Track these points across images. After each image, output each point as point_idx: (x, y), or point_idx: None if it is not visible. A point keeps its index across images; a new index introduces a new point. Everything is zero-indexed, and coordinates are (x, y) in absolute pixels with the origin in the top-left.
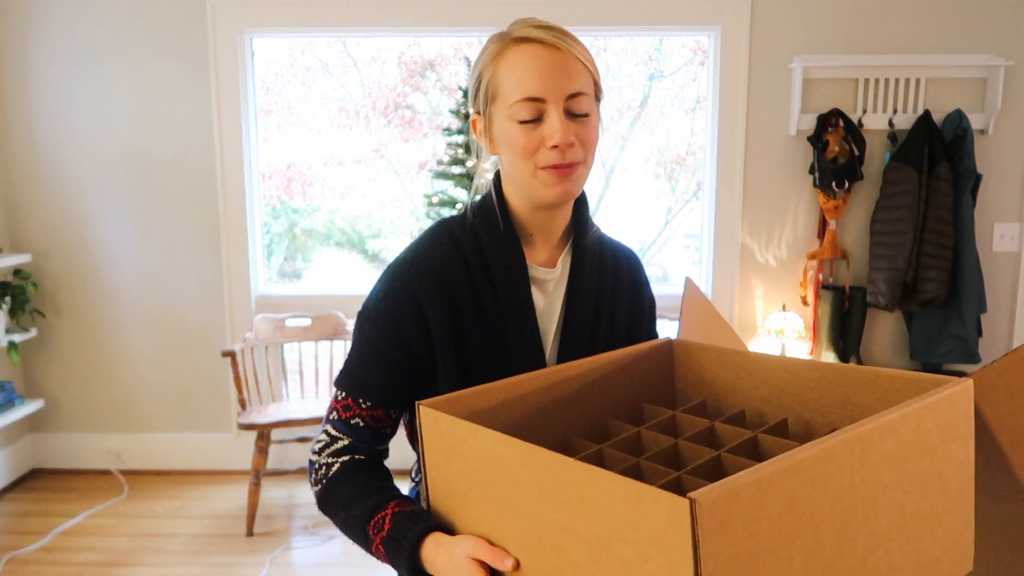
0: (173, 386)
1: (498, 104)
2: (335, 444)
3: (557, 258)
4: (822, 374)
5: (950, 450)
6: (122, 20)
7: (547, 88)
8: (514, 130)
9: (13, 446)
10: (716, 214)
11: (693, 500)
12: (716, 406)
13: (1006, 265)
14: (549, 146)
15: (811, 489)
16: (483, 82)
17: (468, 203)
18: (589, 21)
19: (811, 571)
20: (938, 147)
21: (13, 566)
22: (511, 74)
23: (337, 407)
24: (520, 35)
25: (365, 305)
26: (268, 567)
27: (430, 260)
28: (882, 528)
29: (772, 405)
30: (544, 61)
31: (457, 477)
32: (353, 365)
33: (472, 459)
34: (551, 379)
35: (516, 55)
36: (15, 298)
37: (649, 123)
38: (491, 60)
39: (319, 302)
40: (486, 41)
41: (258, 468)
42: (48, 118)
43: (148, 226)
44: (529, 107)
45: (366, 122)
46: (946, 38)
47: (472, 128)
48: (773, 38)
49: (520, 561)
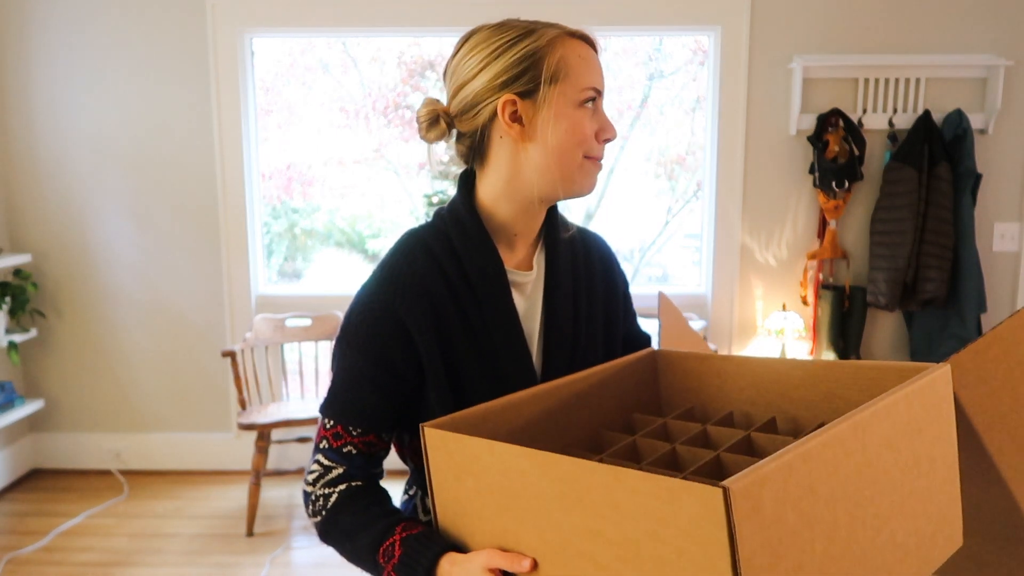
0: (173, 386)
1: (564, 85)
2: (330, 473)
3: (531, 259)
4: (805, 371)
5: (936, 431)
6: (122, 20)
7: (602, 81)
8: (581, 114)
9: (13, 446)
10: (716, 214)
11: (726, 488)
12: (704, 411)
13: (1006, 265)
14: (603, 139)
15: (825, 474)
16: (544, 61)
17: (436, 210)
18: (589, 21)
19: (830, 554)
20: (938, 147)
21: (13, 566)
22: (581, 62)
23: (327, 436)
24: (574, 31)
25: (344, 329)
26: (268, 567)
27: (408, 277)
28: (885, 508)
29: (759, 406)
30: (597, 60)
31: (469, 495)
32: (338, 392)
33: (486, 475)
34: (543, 395)
35: (582, 47)
36: (15, 298)
37: (649, 123)
38: (549, 42)
39: (319, 302)
40: (515, 32)
41: (258, 468)
42: (48, 118)
43: (148, 226)
44: (594, 95)
45: (366, 122)
46: (946, 38)
47: (500, 111)
48: (773, 38)
49: (545, 571)
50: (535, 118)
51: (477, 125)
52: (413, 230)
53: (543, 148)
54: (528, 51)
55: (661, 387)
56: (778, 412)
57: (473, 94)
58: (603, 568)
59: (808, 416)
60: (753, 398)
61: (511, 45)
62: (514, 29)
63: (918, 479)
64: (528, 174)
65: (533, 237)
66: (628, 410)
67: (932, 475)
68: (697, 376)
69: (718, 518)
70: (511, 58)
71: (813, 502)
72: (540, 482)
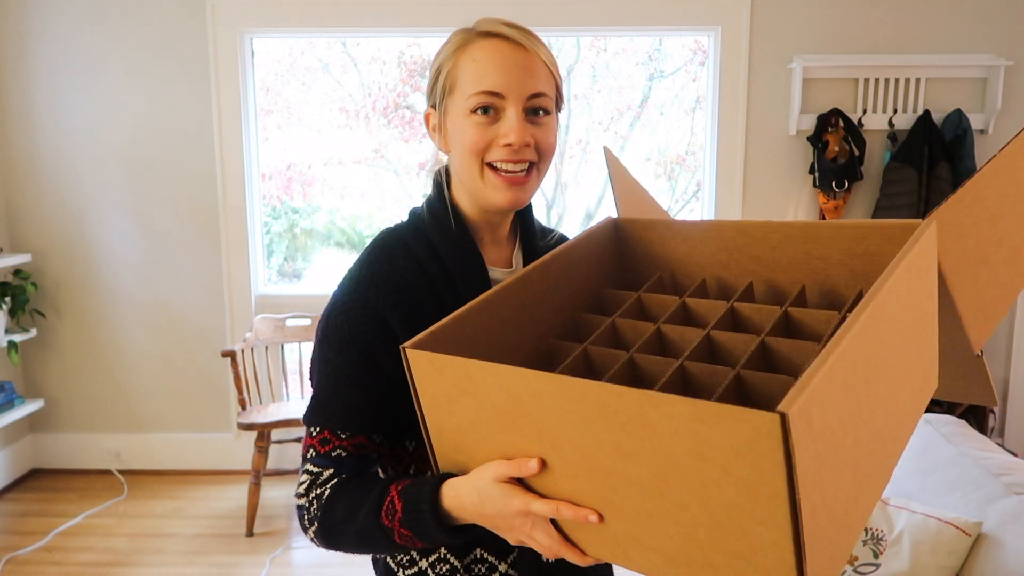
0: (173, 386)
1: (455, 96)
2: (319, 478)
3: (509, 256)
4: (783, 233)
5: (928, 289)
6: (122, 20)
7: (509, 84)
8: (468, 124)
9: (13, 446)
10: (716, 214)
11: (784, 414)
12: (674, 279)
13: None
14: (503, 144)
15: (854, 367)
16: (442, 73)
17: (411, 208)
18: (589, 21)
19: (857, 439)
20: (938, 147)
21: (13, 566)
22: (473, 67)
23: (313, 443)
24: (486, 29)
25: (323, 332)
26: (268, 567)
27: (389, 275)
28: (895, 378)
29: (731, 270)
30: (508, 57)
31: (468, 416)
32: (323, 398)
33: (488, 395)
34: (516, 288)
35: (480, 48)
36: (15, 298)
37: (649, 123)
38: (453, 52)
39: (319, 302)
40: (449, 35)
41: (258, 468)
42: (48, 118)
43: (148, 226)
44: (487, 101)
45: (366, 122)
46: (946, 38)
47: (425, 122)
48: (773, 38)
49: (569, 485)
50: (443, 128)
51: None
52: (389, 229)
53: (454, 159)
54: (437, 63)
55: (624, 256)
56: (754, 276)
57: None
58: (636, 483)
59: (786, 278)
60: (725, 262)
61: (436, 56)
62: (449, 37)
63: (914, 339)
64: (457, 182)
65: (504, 236)
66: (597, 285)
67: (923, 331)
68: (662, 243)
69: (774, 440)
70: (431, 70)
71: (847, 398)
72: (558, 403)
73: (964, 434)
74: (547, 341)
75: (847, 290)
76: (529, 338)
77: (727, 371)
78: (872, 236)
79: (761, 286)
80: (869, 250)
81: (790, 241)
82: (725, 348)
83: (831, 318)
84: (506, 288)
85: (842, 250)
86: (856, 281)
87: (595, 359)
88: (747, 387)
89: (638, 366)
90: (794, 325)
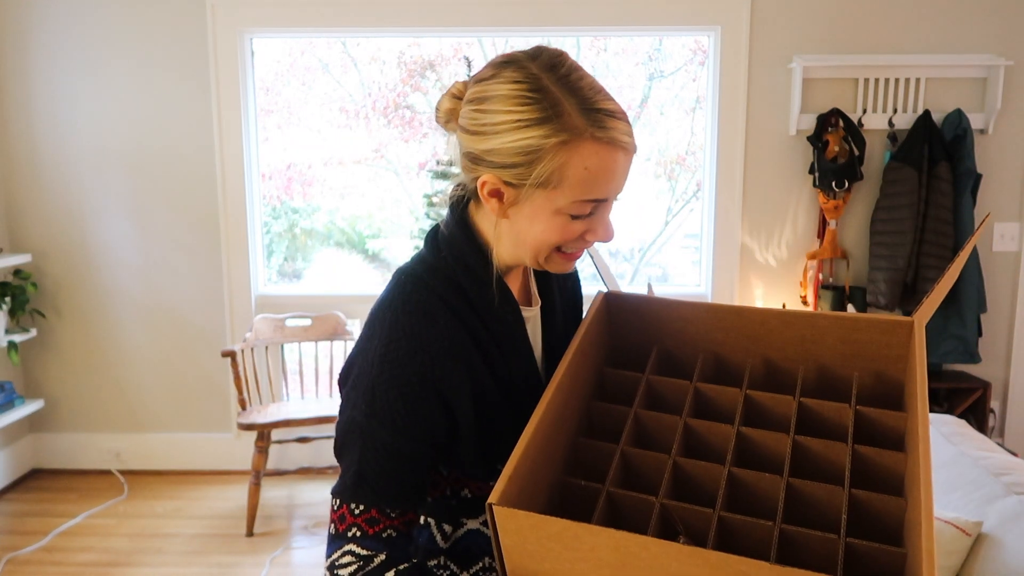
0: (173, 386)
1: (550, 191)
2: (371, 563)
3: (528, 290)
4: (781, 320)
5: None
6: (122, 20)
7: (613, 191)
8: (560, 221)
9: (13, 446)
10: (716, 214)
11: None
12: (669, 357)
13: (1006, 265)
14: (589, 239)
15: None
16: (540, 162)
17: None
18: (589, 21)
19: None
20: (938, 147)
21: (13, 566)
22: (585, 175)
23: (357, 522)
24: (610, 137)
25: (370, 407)
26: (268, 567)
27: (436, 340)
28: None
29: (727, 347)
30: (621, 167)
31: (565, 569)
32: (368, 475)
33: (594, 552)
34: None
35: (599, 155)
36: (15, 298)
37: (649, 123)
38: (562, 144)
39: (319, 302)
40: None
41: (258, 468)
42: (48, 118)
43: (148, 226)
44: (590, 207)
45: (366, 122)
46: (946, 38)
47: (479, 187)
48: (773, 38)
49: None
50: (514, 205)
51: (469, 173)
52: (412, 272)
53: (515, 231)
54: (531, 145)
55: (616, 329)
56: (748, 355)
57: (474, 149)
58: None
59: (780, 357)
60: (721, 340)
61: (522, 127)
62: (537, 107)
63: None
64: (502, 239)
65: (520, 268)
66: (595, 362)
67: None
68: (655, 317)
69: None
70: (512, 142)
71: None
72: (660, 562)
73: (964, 434)
74: (577, 440)
75: (842, 370)
76: (564, 438)
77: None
78: (867, 330)
79: (760, 368)
80: (862, 341)
81: (786, 326)
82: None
83: (842, 410)
84: (550, 402)
85: (839, 339)
86: (847, 363)
87: (633, 462)
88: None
89: (681, 469)
90: (813, 419)
